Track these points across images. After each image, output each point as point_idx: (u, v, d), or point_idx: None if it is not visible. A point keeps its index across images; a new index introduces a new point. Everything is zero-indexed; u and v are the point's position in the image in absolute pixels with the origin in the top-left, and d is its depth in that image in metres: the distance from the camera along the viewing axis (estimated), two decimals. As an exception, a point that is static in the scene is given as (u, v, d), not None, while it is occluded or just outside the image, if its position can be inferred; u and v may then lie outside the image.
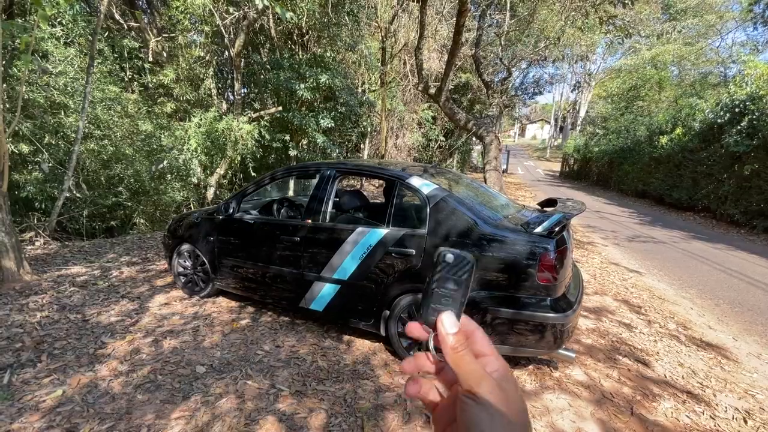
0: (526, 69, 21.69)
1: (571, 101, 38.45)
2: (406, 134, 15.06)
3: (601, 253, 6.45)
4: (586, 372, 2.77)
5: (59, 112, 6.10)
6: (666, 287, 4.99)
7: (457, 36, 6.28)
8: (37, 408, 2.13)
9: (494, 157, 7.62)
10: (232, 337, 3.03)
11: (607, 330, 3.48)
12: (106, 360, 2.63)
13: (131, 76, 8.83)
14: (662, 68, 19.89)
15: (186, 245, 3.74)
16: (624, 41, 8.85)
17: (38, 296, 3.56)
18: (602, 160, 18.37)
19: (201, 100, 9.06)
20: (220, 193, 8.94)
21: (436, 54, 13.62)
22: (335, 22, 9.20)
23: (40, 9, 3.20)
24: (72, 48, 6.31)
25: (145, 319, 3.26)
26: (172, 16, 8.03)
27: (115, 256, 4.99)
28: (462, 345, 0.37)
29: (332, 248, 2.89)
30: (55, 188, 5.84)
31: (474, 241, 2.45)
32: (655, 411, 2.38)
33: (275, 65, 8.49)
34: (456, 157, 20.52)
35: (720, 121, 9.78)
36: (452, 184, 3.08)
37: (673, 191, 11.94)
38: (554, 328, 2.34)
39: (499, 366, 0.37)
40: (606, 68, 31.02)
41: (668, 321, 3.79)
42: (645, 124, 14.85)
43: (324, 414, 2.20)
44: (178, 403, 2.24)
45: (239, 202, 3.49)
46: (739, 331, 3.77)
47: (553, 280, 2.32)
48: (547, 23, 10.95)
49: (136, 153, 6.97)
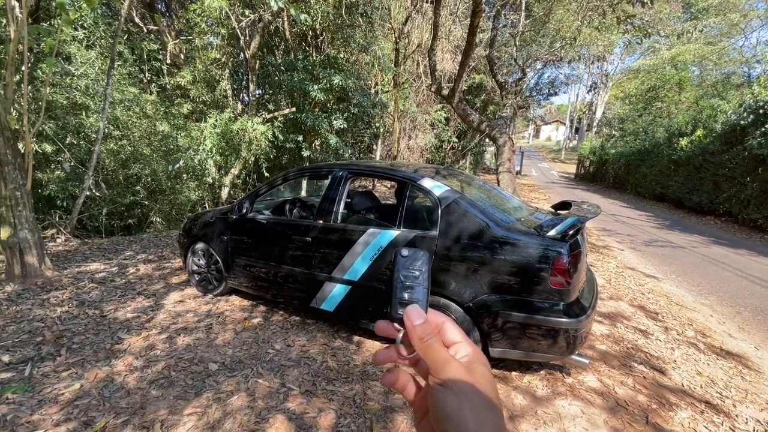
0: (541, 70, 21.40)
1: (587, 102, 37.80)
2: (419, 135, 15.03)
3: (617, 257, 6.32)
4: (599, 379, 2.71)
5: (81, 113, 6.29)
6: (684, 293, 4.85)
7: (471, 37, 6.24)
8: (56, 401, 2.20)
9: (508, 158, 7.53)
10: (244, 336, 3.07)
11: (622, 336, 3.41)
12: (122, 355, 2.69)
13: (149, 77, 9.05)
14: (683, 68, 19.40)
15: (200, 244, 3.80)
16: (643, 41, 8.65)
17: (59, 292, 3.66)
18: (619, 163, 17.99)
19: (217, 101, 9.22)
20: (234, 193, 9.07)
21: (450, 55, 13.57)
22: (349, 24, 9.25)
23: (64, 13, 3.31)
24: (93, 50, 6.51)
25: (160, 316, 3.32)
26: (190, 19, 8.20)
27: (132, 254, 5.11)
28: (429, 335, 0.38)
29: (343, 249, 2.90)
30: (76, 187, 6.02)
31: (486, 244, 2.43)
32: (671, 421, 2.32)
33: (289, 67, 8.58)
34: (469, 159, 20.37)
35: (743, 123, 9.48)
36: (464, 186, 3.06)
37: (693, 194, 11.62)
38: (567, 333, 2.30)
39: (469, 351, 0.38)
40: (624, 69, 30.42)
41: (686, 328, 3.69)
42: (664, 126, 14.50)
43: (333, 414, 2.21)
44: (191, 399, 2.27)
45: (252, 202, 3.54)
46: (761, 340, 3.64)
47: (566, 285, 2.28)
48: (563, 23, 10.79)
49: (153, 153, 7.14)
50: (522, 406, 2.37)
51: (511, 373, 2.71)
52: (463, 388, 0.34)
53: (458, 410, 0.33)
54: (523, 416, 2.28)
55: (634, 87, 21.74)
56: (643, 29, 7.65)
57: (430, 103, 15.03)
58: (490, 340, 2.44)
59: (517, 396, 2.46)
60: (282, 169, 9.73)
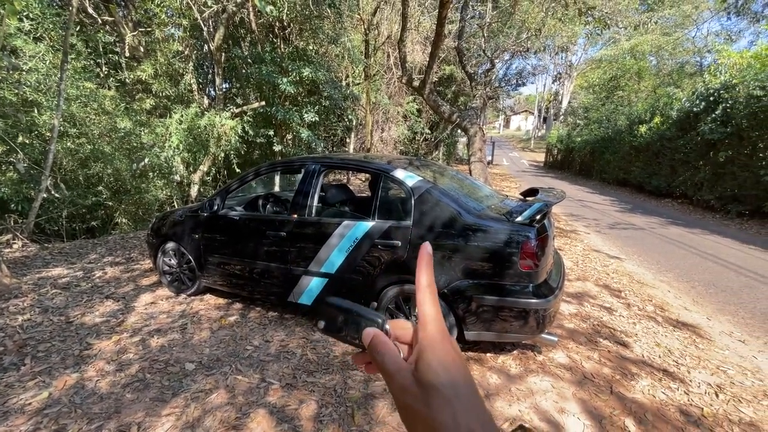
0: (509, 60, 21.84)
1: (554, 92, 38.92)
2: (392, 127, 15.05)
3: (584, 240, 6.62)
4: (568, 355, 2.87)
5: (32, 110, 5.91)
6: (645, 272, 5.16)
7: (440, 28, 6.28)
8: (22, 411, 2.11)
9: (479, 148, 7.68)
10: (220, 334, 3.03)
11: (588, 314, 3.60)
12: (92, 361, 2.60)
13: (107, 71, 8.59)
14: (641, 58, 20.29)
15: (171, 243, 3.70)
16: (603, 32, 9.00)
17: (18, 299, 3.48)
18: (584, 150, 18.70)
19: (181, 96, 8.87)
20: (204, 191, 8.81)
21: (420, 46, 13.60)
22: (317, 15, 9.08)
23: (8, 4, 3.10)
24: (42, 43, 6.11)
25: (131, 319, 3.22)
26: (148, 9, 7.82)
27: (97, 257, 4.90)
28: (375, 351, 0.39)
29: (319, 242, 2.90)
30: (31, 189, 5.68)
31: (459, 232, 2.50)
32: (633, 389, 2.49)
33: (257, 59, 8.35)
34: (442, 150, 20.63)
35: (696, 110, 10.06)
36: (437, 176, 3.12)
37: (653, 179, 12.27)
38: (536, 313, 2.42)
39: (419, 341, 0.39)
40: (587, 59, 31.49)
41: (646, 304, 3.94)
42: (625, 114, 15.17)
43: (314, 405, 2.23)
44: (168, 400, 2.24)
45: (224, 198, 3.47)
46: (713, 311, 3.94)
47: (534, 267, 2.39)
48: (528, 14, 11.03)
49: (115, 151, 6.81)
50: (497, 385, 2.47)
51: (486, 354, 2.82)
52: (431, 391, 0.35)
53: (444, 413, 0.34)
54: (498, 394, 2.38)
55: (597, 77, 22.57)
56: (602, 20, 7.94)
57: (401, 95, 15.05)
58: (465, 324, 2.53)
59: (492, 376, 2.57)
60: (253, 164, 9.52)
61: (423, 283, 0.40)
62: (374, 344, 0.40)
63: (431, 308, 0.39)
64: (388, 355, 0.39)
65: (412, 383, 0.36)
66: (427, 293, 0.39)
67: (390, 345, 0.40)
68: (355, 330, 0.42)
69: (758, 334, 3.43)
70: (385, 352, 0.39)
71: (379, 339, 0.40)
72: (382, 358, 0.39)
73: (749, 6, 19.17)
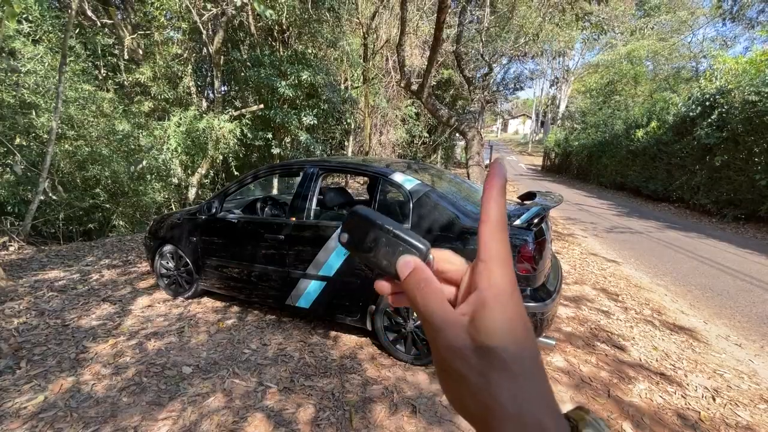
0: (506, 65, 22.01)
1: (551, 96, 39.14)
2: (390, 131, 15.10)
3: (581, 244, 6.64)
4: (566, 358, 2.87)
5: (30, 112, 5.90)
6: (642, 275, 5.18)
7: (438, 32, 6.32)
8: (17, 415, 2.09)
9: (477, 152, 7.71)
10: (218, 337, 3.02)
11: (586, 318, 3.61)
12: (88, 364, 2.59)
13: (106, 74, 8.60)
14: (638, 63, 20.47)
15: (168, 246, 3.69)
16: (600, 37, 9.07)
17: (14, 302, 3.46)
18: (582, 154, 18.80)
19: (180, 99, 8.88)
20: (202, 193, 8.80)
21: (418, 50, 13.68)
22: (316, 19, 9.13)
23: (7, 6, 3.10)
24: (41, 45, 6.11)
25: (127, 322, 3.21)
26: (147, 12, 7.83)
27: (94, 260, 4.87)
28: (417, 288, 0.31)
29: (317, 245, 2.90)
30: (28, 191, 5.66)
31: (457, 235, 2.51)
32: (630, 393, 2.49)
33: (255, 62, 8.37)
34: (440, 153, 20.68)
35: (692, 115, 10.15)
36: (435, 179, 3.12)
37: (649, 183, 12.34)
38: (534, 316, 2.42)
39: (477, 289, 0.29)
40: (584, 64, 31.73)
41: (644, 307, 3.95)
42: (622, 118, 15.27)
43: (312, 408, 2.22)
44: (165, 403, 2.23)
45: (222, 201, 3.47)
46: (709, 315, 3.96)
47: (532, 271, 2.40)
48: (526, 19, 11.13)
49: (113, 153, 6.80)
50: (495, 389, 2.47)
51: (484, 358, 2.81)
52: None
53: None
54: (496, 398, 2.38)
55: (594, 81, 22.76)
56: (599, 26, 8.01)
57: (400, 98, 15.11)
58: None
59: (489, 379, 2.56)
60: (252, 167, 9.53)
61: (493, 216, 0.29)
62: (415, 280, 0.31)
63: (502, 248, 0.28)
64: (434, 298, 0.30)
65: (466, 344, 0.28)
66: (498, 230, 0.29)
67: (436, 285, 0.31)
68: (389, 254, 0.33)
69: (754, 338, 3.45)
70: (429, 293, 0.30)
71: (422, 275, 0.31)
72: (425, 302, 0.30)
73: (744, 12, 19.36)
